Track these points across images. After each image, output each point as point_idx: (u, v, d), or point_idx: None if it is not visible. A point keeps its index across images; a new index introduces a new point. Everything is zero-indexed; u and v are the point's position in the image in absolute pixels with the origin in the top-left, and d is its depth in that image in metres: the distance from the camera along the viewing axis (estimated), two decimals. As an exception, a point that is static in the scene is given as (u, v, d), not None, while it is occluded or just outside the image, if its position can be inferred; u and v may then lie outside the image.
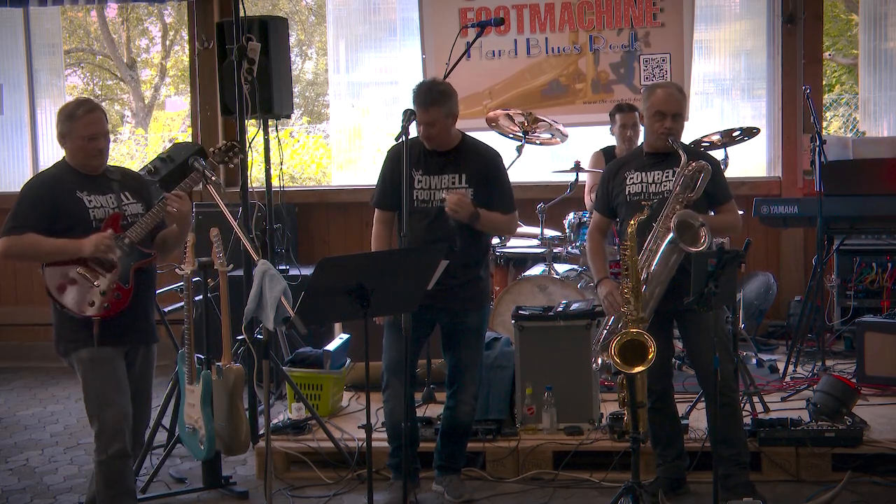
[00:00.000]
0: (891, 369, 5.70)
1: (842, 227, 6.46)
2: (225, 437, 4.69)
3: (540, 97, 7.74)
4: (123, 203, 4.08)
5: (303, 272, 6.44)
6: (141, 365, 4.17)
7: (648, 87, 4.65)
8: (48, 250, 3.94)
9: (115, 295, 3.98)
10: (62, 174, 4.06)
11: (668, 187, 4.43)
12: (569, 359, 5.19)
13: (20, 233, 3.92)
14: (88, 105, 4.04)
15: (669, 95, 4.47)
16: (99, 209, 4.01)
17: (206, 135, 8.08)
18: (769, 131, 7.82)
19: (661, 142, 4.46)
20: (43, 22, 8.58)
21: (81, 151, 4.00)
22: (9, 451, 5.75)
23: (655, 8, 7.58)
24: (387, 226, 4.68)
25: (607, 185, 4.62)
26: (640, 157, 4.59)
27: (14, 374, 7.69)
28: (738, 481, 4.40)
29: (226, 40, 5.62)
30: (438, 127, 4.48)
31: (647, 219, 4.32)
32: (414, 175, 4.54)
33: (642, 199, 4.42)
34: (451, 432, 4.71)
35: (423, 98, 4.47)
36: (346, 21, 8.25)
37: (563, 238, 6.46)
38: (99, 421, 3.99)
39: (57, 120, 4.03)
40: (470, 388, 4.68)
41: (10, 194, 8.34)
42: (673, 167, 4.45)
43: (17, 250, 3.96)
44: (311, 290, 3.71)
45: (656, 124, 4.46)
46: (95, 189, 4.04)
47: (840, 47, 13.58)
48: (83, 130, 3.96)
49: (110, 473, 4.00)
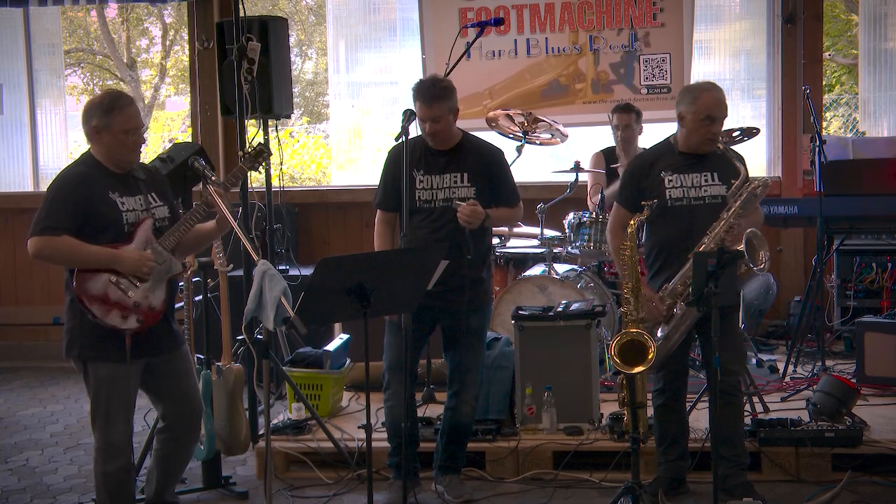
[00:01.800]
0: (891, 369, 5.70)
1: (842, 227, 6.46)
2: (224, 437, 4.69)
3: (540, 97, 7.74)
4: (152, 206, 3.95)
5: (303, 272, 6.44)
6: (173, 370, 4.05)
7: (692, 88, 4.51)
8: (84, 258, 3.77)
9: (150, 307, 3.88)
10: (93, 172, 3.87)
11: (711, 192, 4.36)
12: (569, 359, 5.19)
13: (56, 234, 3.73)
14: (126, 98, 3.90)
15: (719, 101, 4.39)
16: (131, 212, 3.87)
17: (206, 135, 8.08)
18: (769, 131, 7.82)
19: (709, 146, 4.37)
20: (43, 22, 8.58)
21: (121, 147, 3.84)
22: (9, 451, 5.75)
23: (655, 8, 7.58)
24: (389, 226, 4.68)
25: (638, 182, 4.48)
26: (672, 155, 4.47)
27: (14, 374, 7.69)
28: (737, 482, 4.40)
29: (226, 40, 5.62)
30: (443, 123, 4.47)
31: (674, 220, 4.30)
32: (415, 175, 4.53)
33: (684, 204, 4.35)
34: (452, 433, 4.71)
35: (426, 93, 4.45)
36: (345, 21, 8.25)
37: (563, 238, 6.46)
38: (103, 437, 3.92)
39: (88, 114, 3.83)
40: (471, 389, 4.68)
41: (11, 194, 8.44)
42: (712, 170, 4.37)
43: (50, 252, 3.75)
44: (311, 290, 3.71)
45: (704, 129, 4.35)
46: (126, 190, 3.89)
47: (840, 47, 13.57)
48: (124, 124, 3.81)
49: (112, 486, 3.97)
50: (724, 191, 4.36)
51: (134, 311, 3.83)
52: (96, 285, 3.79)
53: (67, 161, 8.82)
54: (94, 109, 3.84)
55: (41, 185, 8.57)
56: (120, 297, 3.81)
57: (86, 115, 3.86)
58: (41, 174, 8.64)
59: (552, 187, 7.08)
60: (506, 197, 4.63)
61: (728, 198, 4.33)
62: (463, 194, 4.52)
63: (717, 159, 4.39)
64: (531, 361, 5.21)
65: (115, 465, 3.93)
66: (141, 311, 3.84)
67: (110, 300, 3.80)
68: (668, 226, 4.39)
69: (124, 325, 3.81)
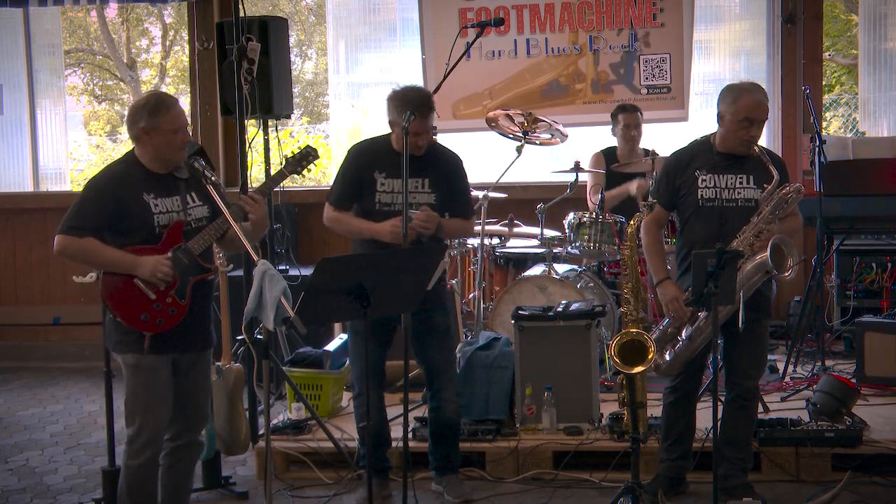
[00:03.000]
0: (890, 369, 5.70)
1: (841, 228, 6.47)
2: (224, 437, 4.69)
3: (540, 97, 7.74)
4: (189, 206, 3.95)
5: (303, 272, 6.45)
6: (194, 370, 4.06)
7: (733, 88, 4.39)
8: (104, 261, 3.84)
9: (171, 310, 3.87)
10: (130, 172, 3.89)
11: (744, 195, 4.32)
12: (569, 359, 5.19)
13: (80, 234, 3.79)
14: (171, 99, 3.95)
15: (759, 103, 4.30)
16: (164, 214, 3.88)
17: (206, 135, 8.09)
18: (769, 131, 7.81)
19: (746, 149, 4.31)
20: (43, 22, 8.58)
21: (170, 145, 3.87)
22: (9, 451, 5.75)
23: (655, 8, 7.58)
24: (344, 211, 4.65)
25: (674, 179, 4.43)
26: (710, 155, 4.40)
27: (14, 374, 7.69)
28: (737, 482, 4.41)
29: (226, 40, 5.62)
30: (430, 134, 4.48)
31: (705, 222, 4.29)
32: (377, 177, 4.52)
33: (715, 205, 4.32)
34: (440, 432, 4.71)
35: (423, 106, 4.40)
36: (345, 21, 8.25)
37: (563, 238, 6.46)
38: (134, 427, 3.93)
39: (136, 117, 3.86)
40: (450, 387, 4.67)
41: (11, 194, 8.44)
42: (748, 173, 4.33)
43: (72, 251, 3.82)
44: (311, 290, 3.71)
45: (742, 131, 4.28)
46: (162, 191, 3.90)
47: (840, 47, 13.58)
48: (171, 123, 3.85)
49: (135, 480, 3.97)
50: (759, 195, 4.30)
51: (154, 313, 3.86)
52: (119, 286, 3.84)
53: (67, 161, 8.89)
54: (140, 111, 3.88)
55: (41, 186, 8.58)
56: (141, 299, 3.84)
57: (133, 118, 3.90)
58: (41, 174, 8.64)
59: (552, 187, 7.08)
60: (461, 208, 4.62)
61: (760, 202, 4.29)
62: (423, 200, 4.50)
63: (754, 163, 4.33)
64: (531, 361, 5.21)
65: (137, 459, 3.94)
66: (161, 313, 3.87)
67: (131, 301, 3.84)
68: (699, 226, 4.35)
69: (143, 326, 3.84)
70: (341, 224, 4.64)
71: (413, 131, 4.35)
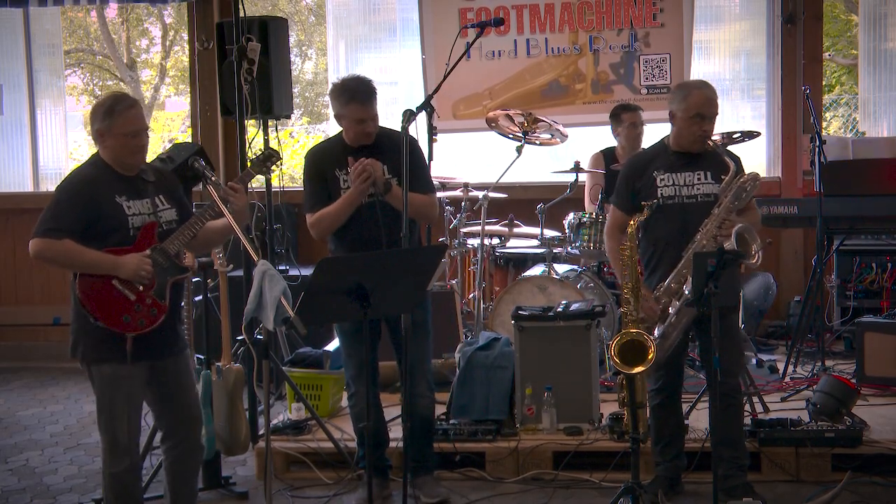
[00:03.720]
0: (890, 369, 5.70)
1: (841, 228, 6.46)
2: (224, 437, 4.69)
3: (540, 97, 7.74)
4: (159, 209, 3.93)
5: (303, 272, 6.45)
6: (174, 375, 4.03)
7: (682, 86, 4.52)
8: (84, 262, 3.77)
9: (151, 311, 3.85)
10: (100, 174, 3.86)
11: (703, 190, 4.37)
12: (569, 359, 5.19)
13: (58, 237, 3.72)
14: (128, 101, 3.90)
15: (709, 98, 4.38)
16: (137, 216, 3.85)
17: (206, 135, 8.08)
18: (769, 131, 7.82)
19: (700, 145, 4.38)
20: (43, 22, 8.58)
21: (124, 148, 3.84)
22: (9, 451, 5.75)
23: (655, 8, 7.58)
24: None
25: (633, 183, 4.50)
26: (666, 156, 4.48)
27: (14, 374, 7.69)
28: (737, 482, 4.40)
29: (226, 40, 5.62)
30: (377, 120, 4.47)
31: (668, 220, 4.30)
32: (338, 175, 4.51)
33: (676, 202, 4.37)
34: (414, 429, 4.60)
35: (363, 93, 4.42)
36: (345, 21, 8.25)
37: (563, 238, 6.46)
38: (109, 437, 3.91)
39: (93, 117, 3.87)
40: (423, 381, 4.63)
41: (11, 194, 8.44)
42: (705, 169, 4.38)
43: (50, 254, 3.75)
44: (311, 290, 3.71)
45: (694, 127, 4.35)
46: (133, 193, 3.88)
47: (840, 48, 13.58)
48: (125, 127, 3.82)
49: (118, 487, 3.96)
50: (717, 189, 4.38)
51: (135, 315, 3.82)
52: (98, 288, 3.79)
53: (68, 161, 8.88)
54: (96, 113, 3.86)
55: (41, 186, 8.58)
56: (121, 301, 3.80)
57: (91, 119, 3.90)
58: (41, 174, 8.64)
59: (552, 187, 7.08)
60: (421, 184, 4.52)
61: (719, 194, 4.35)
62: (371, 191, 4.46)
63: (710, 158, 4.41)
64: (531, 361, 5.21)
65: (121, 466, 3.92)
66: (142, 314, 3.83)
67: (112, 303, 3.79)
68: (662, 225, 4.40)
69: (126, 328, 3.80)
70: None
71: (357, 118, 4.38)
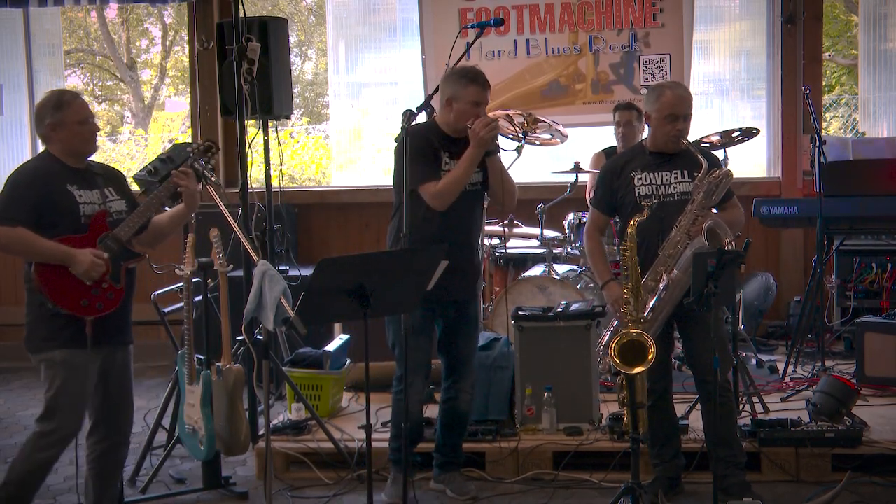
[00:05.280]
0: (890, 369, 5.70)
1: (841, 228, 6.47)
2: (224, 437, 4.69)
3: (540, 97, 7.74)
4: (108, 199, 4.04)
5: (303, 273, 6.44)
6: (120, 366, 4.11)
7: (655, 87, 4.57)
8: (38, 251, 3.86)
9: (109, 294, 3.94)
10: (51, 166, 3.96)
11: (680, 189, 4.42)
12: (569, 359, 5.19)
13: (11, 225, 3.81)
14: (71, 93, 4.05)
15: (681, 98, 4.44)
16: (88, 205, 3.95)
17: (206, 135, 8.06)
18: (769, 132, 7.82)
19: (674, 144, 4.43)
20: (43, 22, 8.58)
21: (78, 137, 3.95)
22: (9, 451, 5.74)
23: (655, 8, 7.58)
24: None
25: (610, 183, 4.56)
26: (643, 156, 4.54)
27: (14, 374, 7.69)
28: (734, 482, 4.41)
29: (226, 41, 5.62)
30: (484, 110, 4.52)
31: (646, 220, 4.32)
32: (441, 156, 4.52)
33: (653, 201, 4.39)
34: (453, 423, 4.69)
35: (484, 78, 4.49)
36: (345, 21, 8.26)
37: (563, 239, 6.46)
38: (53, 423, 3.95)
39: (41, 116, 3.95)
40: (469, 378, 4.68)
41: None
42: (681, 168, 4.43)
43: (5, 241, 3.85)
44: (311, 290, 3.71)
45: (668, 126, 4.41)
46: (84, 184, 3.98)
47: (840, 48, 13.59)
48: (76, 115, 3.93)
49: (33, 473, 4.00)
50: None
51: (93, 298, 3.90)
52: (55, 274, 3.88)
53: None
54: (44, 110, 3.97)
55: (41, 186, 8.57)
56: (78, 285, 3.87)
57: (38, 118, 3.99)
58: (41, 174, 8.63)
59: (552, 188, 7.09)
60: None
61: (692, 191, 4.38)
62: (475, 178, 4.53)
63: (685, 158, 4.46)
64: (531, 362, 5.21)
65: (46, 454, 3.96)
66: (100, 297, 3.92)
67: (69, 288, 3.87)
68: (640, 223, 4.40)
69: (85, 311, 3.88)
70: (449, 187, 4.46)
71: (474, 100, 4.45)
